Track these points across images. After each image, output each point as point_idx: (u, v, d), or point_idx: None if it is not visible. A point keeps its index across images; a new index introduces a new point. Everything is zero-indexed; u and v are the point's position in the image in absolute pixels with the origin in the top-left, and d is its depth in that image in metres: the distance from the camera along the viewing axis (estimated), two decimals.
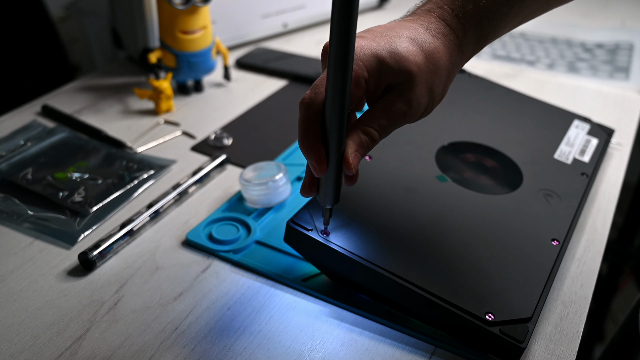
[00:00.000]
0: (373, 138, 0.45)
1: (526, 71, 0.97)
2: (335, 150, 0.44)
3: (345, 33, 0.39)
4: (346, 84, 0.41)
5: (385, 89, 0.45)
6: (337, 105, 0.42)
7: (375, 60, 0.44)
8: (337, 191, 0.47)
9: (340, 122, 0.43)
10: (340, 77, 0.41)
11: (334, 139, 0.43)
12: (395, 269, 0.48)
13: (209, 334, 0.49)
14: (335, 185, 0.46)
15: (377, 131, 0.45)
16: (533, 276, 0.50)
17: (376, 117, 0.45)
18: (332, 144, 0.44)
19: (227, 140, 0.76)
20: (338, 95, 0.42)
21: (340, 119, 0.43)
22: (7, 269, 0.56)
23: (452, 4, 0.46)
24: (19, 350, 0.48)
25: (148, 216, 0.61)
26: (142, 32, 0.86)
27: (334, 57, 0.40)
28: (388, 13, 1.19)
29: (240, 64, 0.96)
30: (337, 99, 0.42)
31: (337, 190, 0.47)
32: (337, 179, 0.46)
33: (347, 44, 0.40)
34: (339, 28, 0.39)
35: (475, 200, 0.57)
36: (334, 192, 0.47)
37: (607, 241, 0.61)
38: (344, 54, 0.40)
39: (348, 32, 0.39)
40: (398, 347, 0.48)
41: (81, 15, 1.41)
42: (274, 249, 0.58)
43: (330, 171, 0.45)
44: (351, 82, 0.42)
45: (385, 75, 0.44)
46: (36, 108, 0.83)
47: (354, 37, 0.40)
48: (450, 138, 0.64)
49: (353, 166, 0.44)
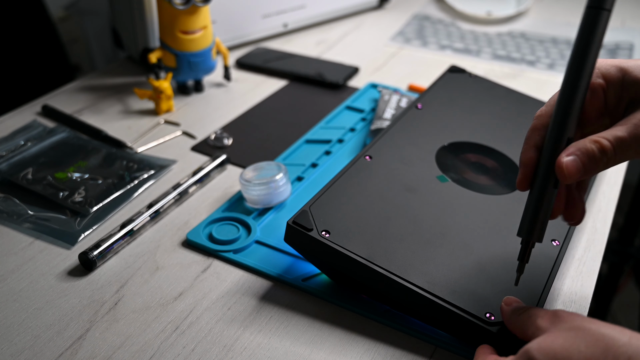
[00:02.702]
0: (603, 149, 0.38)
1: (526, 71, 0.97)
2: (546, 159, 0.40)
3: (587, 39, 0.39)
4: (578, 86, 0.39)
5: (628, 105, 0.41)
6: (562, 106, 0.40)
7: (615, 70, 0.41)
8: (535, 219, 0.41)
9: (561, 123, 0.39)
10: (573, 76, 0.40)
11: (550, 142, 0.40)
12: (395, 268, 0.48)
13: (209, 334, 0.49)
14: (535, 209, 0.41)
15: (610, 142, 0.38)
16: (533, 276, 0.50)
17: (613, 129, 0.39)
18: (545, 150, 0.40)
19: (227, 140, 0.76)
20: (565, 96, 0.40)
21: (562, 119, 0.39)
22: (7, 269, 0.56)
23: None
24: (19, 350, 0.48)
25: (148, 216, 0.61)
26: (142, 32, 0.86)
27: (570, 61, 0.40)
28: (388, 13, 1.19)
29: (240, 64, 0.96)
30: (564, 100, 0.40)
31: (536, 218, 0.41)
32: (541, 200, 0.40)
33: (586, 49, 0.39)
34: (582, 30, 0.39)
35: (476, 201, 0.57)
36: (530, 218, 0.41)
37: (607, 241, 0.61)
38: (581, 57, 0.39)
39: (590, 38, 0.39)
40: (398, 347, 0.48)
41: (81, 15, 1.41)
42: (274, 248, 0.58)
43: (535, 189, 0.41)
44: (585, 90, 0.39)
45: (628, 86, 0.40)
46: (36, 108, 0.83)
47: (598, 42, 0.39)
48: (450, 138, 0.64)
49: (566, 170, 0.38)
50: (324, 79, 0.90)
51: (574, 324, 0.38)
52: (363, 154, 0.59)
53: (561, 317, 0.39)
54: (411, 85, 0.90)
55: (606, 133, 0.39)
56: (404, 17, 1.17)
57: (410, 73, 0.95)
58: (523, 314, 0.42)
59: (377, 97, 0.85)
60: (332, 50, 1.02)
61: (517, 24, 1.14)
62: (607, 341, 0.35)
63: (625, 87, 0.40)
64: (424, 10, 1.21)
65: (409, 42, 1.06)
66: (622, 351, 0.35)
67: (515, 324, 0.43)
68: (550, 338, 0.37)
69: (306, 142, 0.75)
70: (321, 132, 0.77)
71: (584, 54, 0.40)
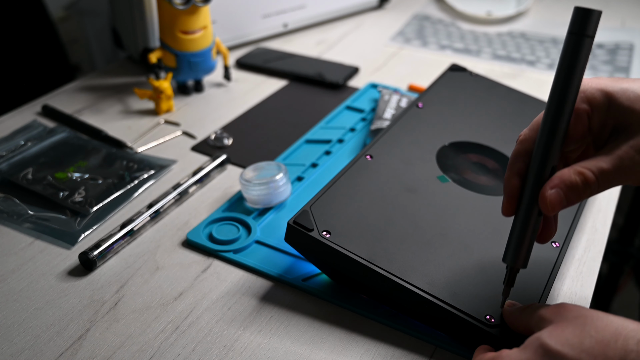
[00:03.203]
0: (587, 181, 0.39)
1: (526, 71, 0.97)
2: (530, 188, 0.40)
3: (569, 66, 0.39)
4: (561, 114, 0.39)
5: (612, 131, 0.40)
6: (545, 134, 0.40)
7: (601, 94, 0.40)
8: (521, 247, 0.42)
9: (544, 152, 0.39)
10: (555, 104, 0.39)
11: (533, 171, 0.40)
12: (396, 269, 0.48)
13: (209, 334, 0.49)
14: (520, 237, 0.42)
15: (593, 174, 0.38)
16: (533, 279, 0.50)
17: (597, 159, 0.39)
18: (529, 180, 0.40)
19: (227, 140, 0.76)
20: (549, 123, 0.40)
21: (545, 148, 0.39)
22: (7, 269, 0.56)
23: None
24: (19, 350, 0.48)
25: (148, 216, 0.61)
26: (142, 32, 0.86)
27: (553, 88, 0.40)
28: (388, 13, 1.19)
29: (240, 64, 0.96)
30: (547, 128, 0.40)
31: (523, 246, 0.42)
32: (525, 228, 0.41)
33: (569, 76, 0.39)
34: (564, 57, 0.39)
35: (476, 201, 0.57)
36: (516, 246, 0.42)
37: (607, 241, 0.61)
38: (565, 80, 0.39)
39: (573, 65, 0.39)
40: (398, 347, 0.48)
41: (81, 15, 1.41)
42: (274, 248, 0.58)
43: (519, 215, 0.41)
44: (569, 118, 0.39)
45: (614, 113, 0.40)
46: (36, 108, 0.83)
47: (581, 69, 0.39)
48: (451, 138, 0.64)
49: (549, 203, 0.39)
50: (324, 79, 0.90)
51: (580, 313, 0.38)
52: (364, 153, 0.59)
53: (566, 307, 0.39)
54: (411, 85, 0.90)
55: (590, 164, 0.39)
56: (404, 17, 1.17)
57: (410, 73, 0.95)
58: (525, 311, 0.43)
59: (377, 97, 0.85)
60: (332, 50, 1.02)
61: (517, 24, 1.14)
62: (616, 326, 0.36)
63: (611, 113, 0.40)
64: (424, 10, 1.21)
65: (409, 42, 1.06)
66: (632, 335, 0.35)
67: (519, 321, 0.43)
68: (560, 326, 0.38)
69: (306, 142, 0.75)
70: (321, 132, 0.77)
71: (567, 81, 0.40)
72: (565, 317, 0.38)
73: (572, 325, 0.37)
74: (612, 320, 0.37)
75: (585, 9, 0.39)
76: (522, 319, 0.42)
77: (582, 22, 0.39)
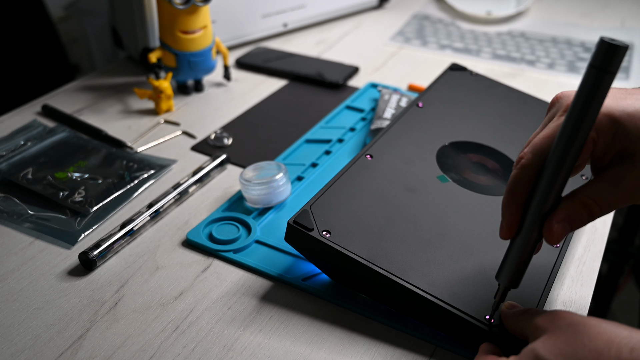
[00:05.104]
0: (591, 213, 0.39)
1: (526, 71, 0.97)
2: (533, 216, 0.40)
3: (586, 102, 0.37)
4: (571, 149, 0.38)
5: (615, 156, 0.40)
6: (552, 166, 0.39)
7: (607, 120, 0.39)
8: (518, 270, 0.42)
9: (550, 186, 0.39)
10: (566, 138, 0.38)
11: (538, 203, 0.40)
12: (396, 269, 0.48)
13: (209, 333, 0.49)
14: (519, 260, 0.42)
15: (599, 206, 0.39)
16: (533, 279, 0.50)
17: (602, 189, 0.39)
18: (532, 209, 0.40)
19: (227, 140, 0.76)
20: (557, 157, 0.39)
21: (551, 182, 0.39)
22: (7, 269, 0.56)
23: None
24: (19, 350, 0.48)
25: (148, 216, 0.61)
26: (142, 32, 0.86)
27: (567, 117, 0.38)
28: (388, 13, 1.19)
29: (240, 64, 0.96)
30: (555, 162, 0.39)
31: (519, 269, 0.42)
32: (524, 253, 0.41)
33: (584, 113, 0.37)
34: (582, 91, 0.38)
35: (476, 201, 0.57)
36: (513, 269, 0.42)
37: (607, 241, 0.61)
38: (579, 116, 0.38)
39: (590, 101, 0.37)
40: (398, 347, 0.48)
41: (81, 15, 1.41)
42: (274, 248, 0.58)
43: (519, 241, 0.41)
44: (579, 151, 0.39)
45: (620, 139, 0.39)
46: (36, 108, 0.83)
47: (597, 105, 0.37)
48: (451, 137, 0.64)
49: (555, 236, 0.39)
50: (324, 78, 0.90)
51: (573, 321, 0.38)
52: (364, 153, 0.59)
53: (560, 316, 0.40)
54: (411, 85, 0.90)
55: (595, 194, 0.40)
56: (403, 16, 1.17)
57: (410, 73, 0.95)
58: (522, 316, 0.43)
59: (377, 96, 0.85)
60: (332, 50, 1.02)
61: (517, 24, 1.14)
62: (609, 334, 0.36)
63: (616, 140, 0.40)
64: (423, 10, 1.21)
65: (408, 42, 1.06)
66: (624, 342, 0.35)
67: (515, 326, 0.43)
68: (554, 336, 0.38)
69: (306, 141, 0.75)
70: (321, 131, 0.77)
71: (581, 116, 0.38)
72: (558, 326, 0.38)
73: (565, 334, 0.37)
74: (604, 327, 0.37)
75: (610, 44, 0.36)
76: (518, 325, 0.43)
77: (605, 57, 0.36)
